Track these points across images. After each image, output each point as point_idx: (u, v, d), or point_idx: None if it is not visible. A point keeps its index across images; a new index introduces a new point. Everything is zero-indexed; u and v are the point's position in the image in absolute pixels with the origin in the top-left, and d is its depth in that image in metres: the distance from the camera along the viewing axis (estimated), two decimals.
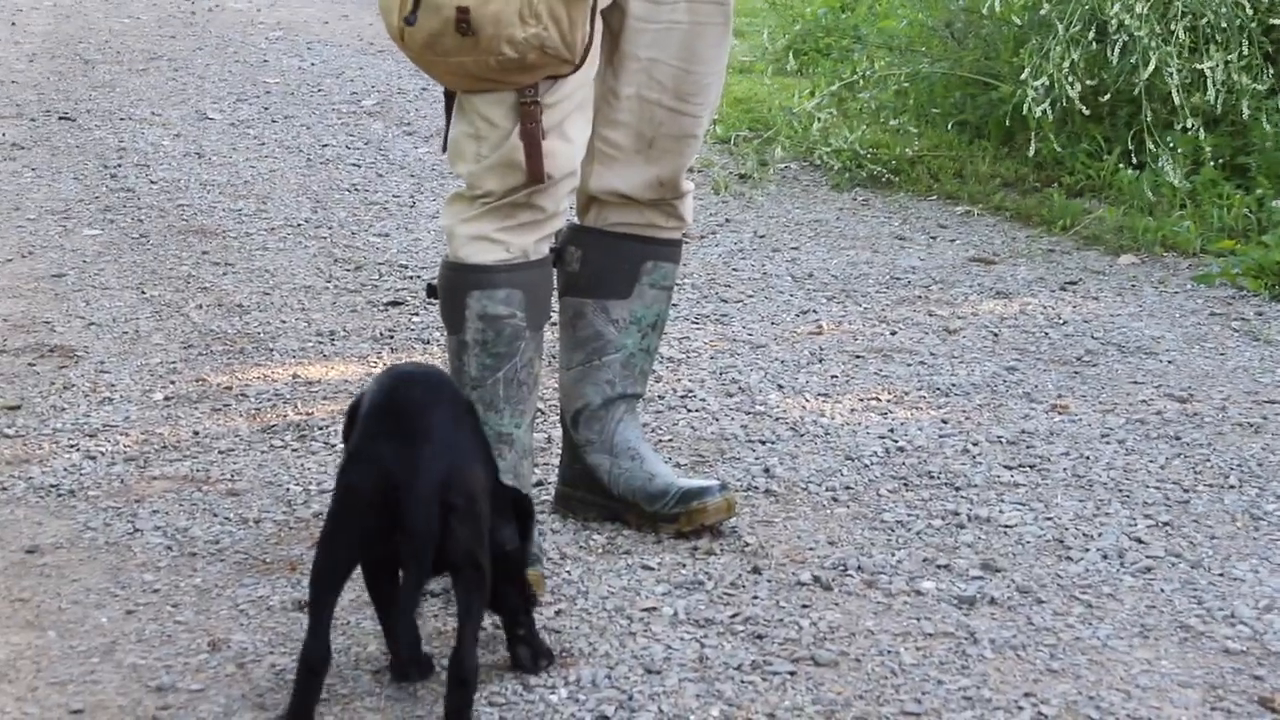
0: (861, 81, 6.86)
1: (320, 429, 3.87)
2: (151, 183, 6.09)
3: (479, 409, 3.10)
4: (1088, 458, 3.77)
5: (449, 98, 3.14)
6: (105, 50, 8.59)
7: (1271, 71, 5.90)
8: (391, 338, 4.52)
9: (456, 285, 3.14)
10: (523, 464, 3.19)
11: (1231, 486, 3.61)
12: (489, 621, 2.98)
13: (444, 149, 3.22)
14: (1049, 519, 3.45)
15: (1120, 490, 3.59)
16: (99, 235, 5.44)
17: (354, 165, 6.45)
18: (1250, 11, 5.89)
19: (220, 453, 3.74)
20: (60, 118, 7.08)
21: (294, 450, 3.76)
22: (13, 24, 9.22)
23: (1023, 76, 5.94)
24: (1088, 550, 3.30)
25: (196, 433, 3.84)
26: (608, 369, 3.34)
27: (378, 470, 2.57)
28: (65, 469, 3.63)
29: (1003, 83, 6.31)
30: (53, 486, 3.54)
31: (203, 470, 3.65)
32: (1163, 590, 3.15)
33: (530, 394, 3.18)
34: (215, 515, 3.42)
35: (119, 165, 6.32)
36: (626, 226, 3.31)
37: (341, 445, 2.86)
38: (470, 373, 3.14)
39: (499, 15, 2.94)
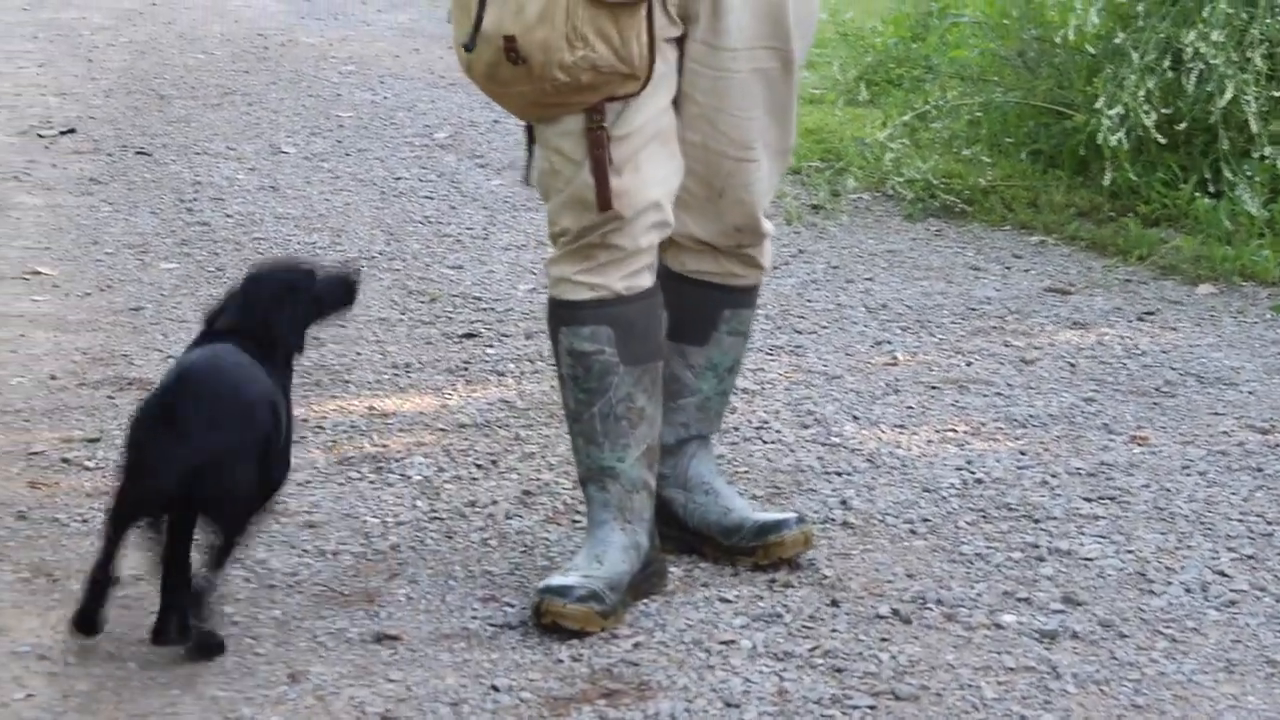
0: (934, 111, 6.84)
1: (396, 461, 3.88)
2: (227, 216, 6.14)
3: (580, 442, 3.11)
4: (1169, 490, 3.73)
5: (529, 130, 3.14)
6: (180, 85, 8.67)
7: None
8: (466, 369, 4.53)
9: (550, 320, 3.16)
10: (632, 498, 3.15)
11: None
12: (567, 653, 2.98)
13: (525, 182, 3.22)
14: (1130, 552, 3.41)
15: (1202, 523, 3.55)
16: (176, 269, 5.48)
17: (427, 198, 6.47)
18: None
19: (297, 485, 3.75)
20: (137, 152, 7.14)
21: (370, 482, 3.77)
22: (89, 60, 9.32)
23: (1097, 105, 5.91)
24: (1170, 584, 3.27)
25: None
26: (683, 411, 3.32)
27: (141, 448, 2.88)
28: None
29: (1077, 112, 6.28)
30: None
31: (280, 502, 3.65)
32: (1248, 624, 3.11)
33: (633, 429, 3.13)
34: (293, 547, 3.43)
35: (195, 199, 6.37)
36: (705, 274, 3.28)
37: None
38: (569, 406, 3.15)
39: (546, 41, 2.93)
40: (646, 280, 3.12)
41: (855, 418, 4.19)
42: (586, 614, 3.03)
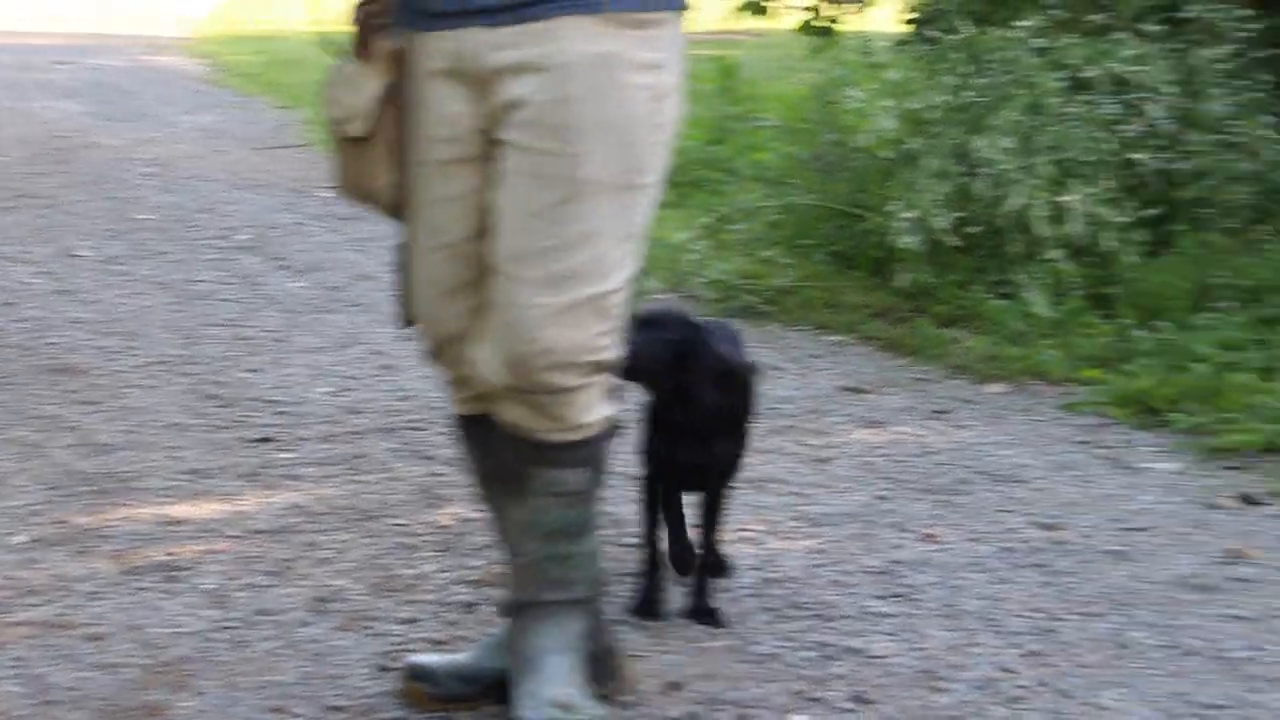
0: (735, 213, 6.93)
1: (187, 570, 3.81)
2: (17, 322, 6.01)
3: None
4: (957, 587, 3.78)
5: None
6: None
7: (1132, 205, 6.03)
8: (260, 474, 4.46)
9: None
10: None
11: (1098, 614, 3.64)
12: None
13: None
14: (920, 649, 3.45)
15: (989, 619, 3.60)
16: None
17: (225, 300, 6.40)
18: (1114, 146, 6.03)
19: (84, 596, 3.66)
20: None
21: (160, 592, 3.69)
22: None
23: (887, 208, 6.03)
24: (958, 681, 3.31)
25: (58, 576, 3.76)
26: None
27: None
28: None
29: (873, 214, 6.40)
30: None
31: (64, 615, 3.57)
32: None
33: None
34: (76, 661, 3.34)
35: None
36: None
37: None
38: None
39: None
40: (466, 408, 3.07)
41: None
42: (410, 690, 3.14)
